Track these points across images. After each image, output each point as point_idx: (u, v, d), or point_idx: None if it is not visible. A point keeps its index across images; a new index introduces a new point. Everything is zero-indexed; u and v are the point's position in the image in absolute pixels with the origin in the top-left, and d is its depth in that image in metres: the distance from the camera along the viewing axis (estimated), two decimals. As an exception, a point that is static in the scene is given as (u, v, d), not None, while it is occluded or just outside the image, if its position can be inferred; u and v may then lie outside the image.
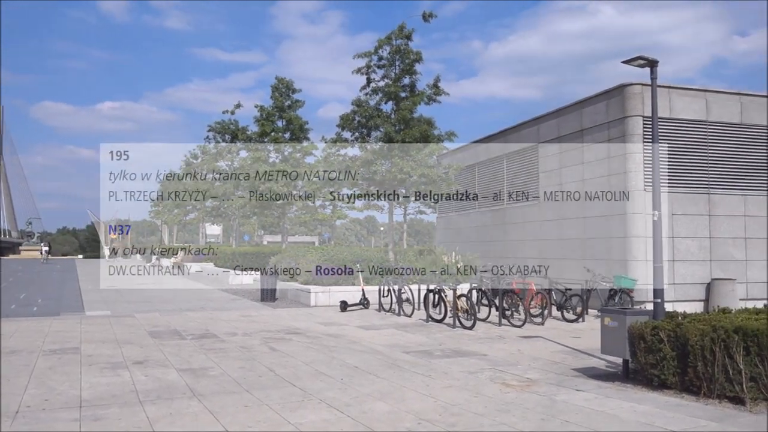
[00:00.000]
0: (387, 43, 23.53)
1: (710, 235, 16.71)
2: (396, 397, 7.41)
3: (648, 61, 9.93)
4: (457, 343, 11.45)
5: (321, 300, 18.09)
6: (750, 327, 7.13)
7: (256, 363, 9.44)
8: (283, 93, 32.06)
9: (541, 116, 20.22)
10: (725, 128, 17.10)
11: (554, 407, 6.95)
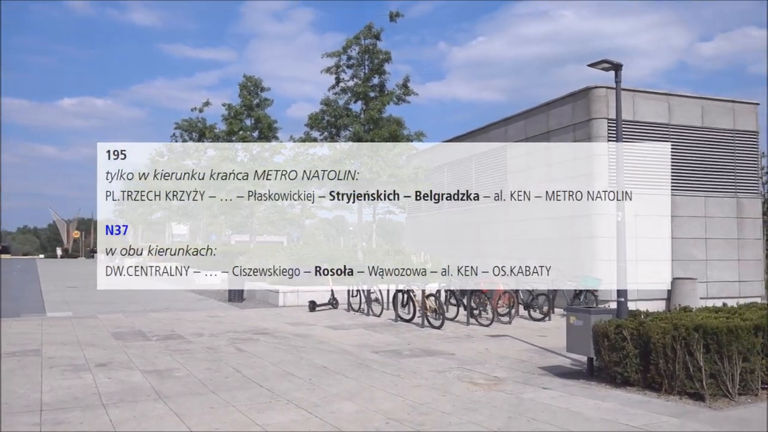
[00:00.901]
0: (356, 43, 23.52)
1: (672, 236, 17.11)
2: (364, 396, 7.41)
3: (612, 65, 10.13)
4: (425, 343, 11.50)
5: (289, 300, 17.98)
6: (710, 325, 7.32)
7: (222, 364, 9.33)
8: (251, 91, 31.77)
9: (509, 118, 20.45)
10: (687, 131, 17.53)
11: (521, 405, 7.03)
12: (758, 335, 7.43)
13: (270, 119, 31.98)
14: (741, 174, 18.08)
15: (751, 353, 7.31)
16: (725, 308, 8.83)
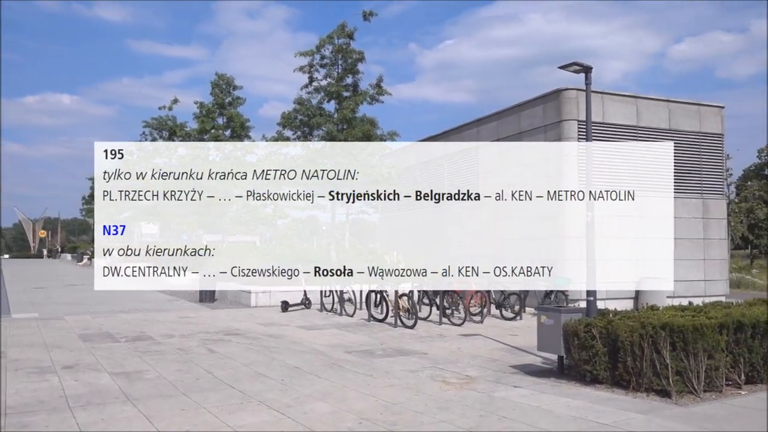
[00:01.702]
0: (329, 42, 23.46)
1: (640, 236, 17.42)
2: (337, 397, 7.39)
3: (582, 67, 10.28)
4: (398, 343, 11.53)
5: (262, 300, 17.85)
6: (676, 323, 7.48)
7: (193, 365, 9.22)
8: (223, 89, 31.46)
9: (481, 119, 20.60)
10: (654, 133, 17.87)
11: (492, 404, 7.09)
12: (723, 333, 7.62)
13: (242, 118, 31.70)
14: (706, 175, 18.49)
15: (716, 351, 7.49)
16: (691, 307, 9.03)
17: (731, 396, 7.46)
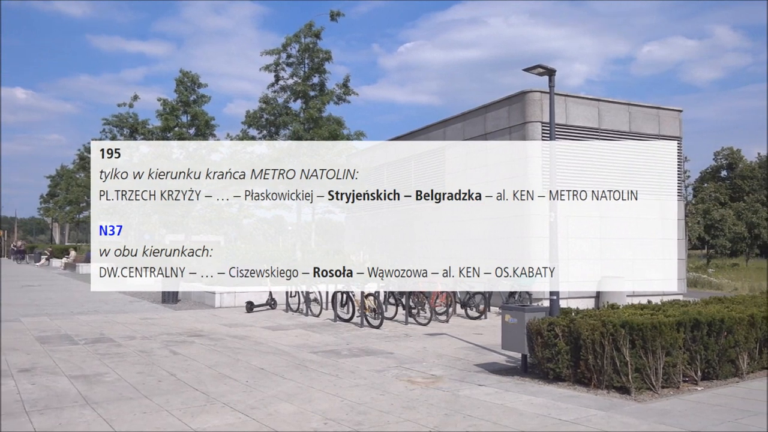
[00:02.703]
0: (296, 41, 23.33)
1: (601, 236, 17.78)
2: (303, 397, 7.36)
3: (546, 70, 10.43)
4: (364, 342, 11.53)
5: (226, 301, 17.65)
6: (635, 321, 7.66)
7: (155, 367, 9.06)
8: (188, 87, 30.96)
9: (447, 119, 20.75)
10: (615, 135, 18.26)
11: (457, 402, 7.15)
12: (680, 331, 7.83)
13: (207, 116, 31.26)
14: (665, 177, 18.95)
15: (674, 348, 7.70)
16: (650, 306, 9.25)
17: (688, 392, 7.68)
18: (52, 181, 64.40)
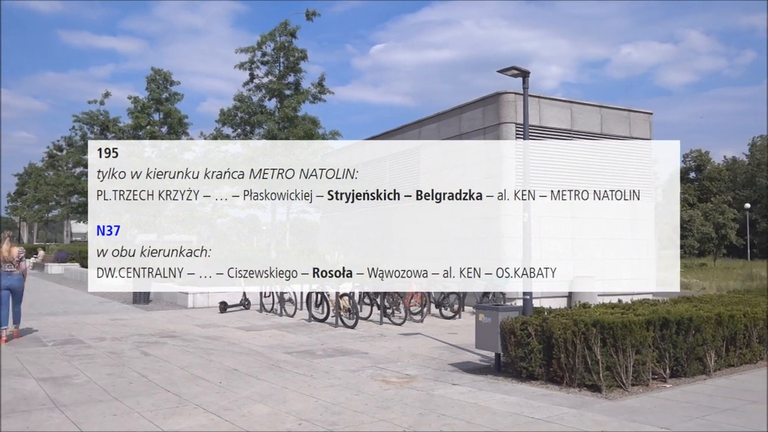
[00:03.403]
0: (270, 39, 23.20)
1: (573, 236, 18.01)
2: (277, 398, 7.31)
3: (520, 72, 10.53)
4: (339, 342, 11.51)
5: (199, 301, 17.46)
6: (606, 320, 7.78)
7: (126, 369, 8.92)
8: (160, 85, 30.56)
9: (423, 119, 20.82)
10: (587, 137, 18.52)
11: (432, 402, 7.18)
12: (649, 329, 7.98)
13: (180, 114, 30.89)
14: (635, 178, 19.27)
15: (643, 346, 7.84)
16: (620, 305, 9.40)
17: (657, 389, 7.82)
18: (20, 180, 63.08)
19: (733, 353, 9.08)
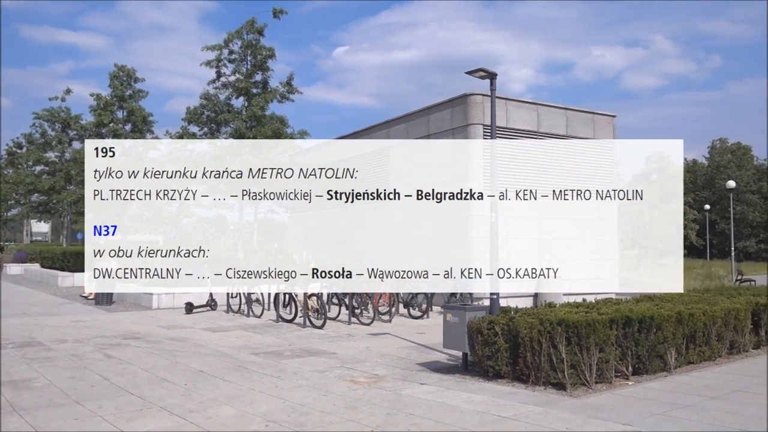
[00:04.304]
0: (237, 37, 22.96)
1: (540, 236, 18.25)
2: (243, 400, 7.24)
3: (488, 74, 10.63)
4: (307, 343, 11.45)
5: (164, 302, 17.18)
6: (571, 319, 7.91)
7: (88, 372, 8.73)
8: (123, 82, 30.00)
9: (391, 120, 20.85)
10: (553, 138, 18.79)
11: (400, 401, 7.20)
12: (613, 328, 8.14)
13: (144, 112, 30.39)
14: (600, 179, 19.62)
15: (607, 344, 7.99)
16: (585, 304, 9.56)
17: (620, 387, 7.98)
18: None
19: (693, 351, 9.32)
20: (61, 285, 24.70)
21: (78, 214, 38.62)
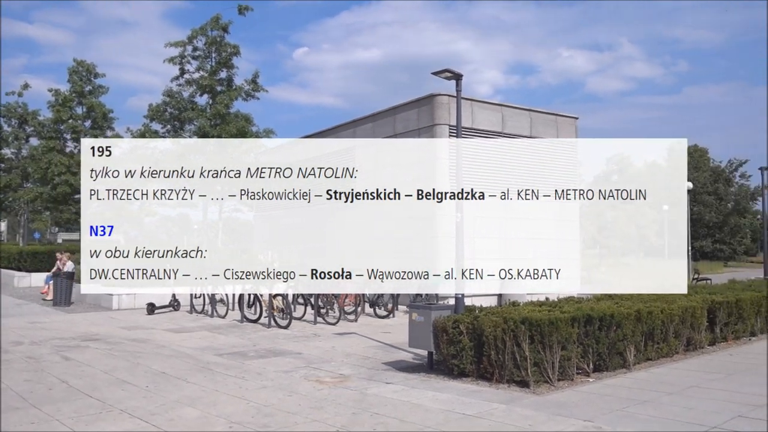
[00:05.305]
0: (202, 34, 22.65)
1: (504, 236, 18.46)
2: (207, 401, 7.15)
3: (454, 74, 10.72)
4: (272, 343, 11.37)
5: (125, 303, 16.83)
6: (534, 318, 8.03)
7: (45, 374, 8.50)
8: (83, 77, 29.28)
9: (358, 119, 20.83)
10: (518, 139, 19.03)
11: (365, 401, 7.20)
12: (574, 326, 8.29)
13: (105, 108, 29.71)
14: (563, 180, 19.95)
15: (569, 342, 8.13)
16: (548, 302, 9.72)
17: (581, 384, 8.13)
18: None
19: (651, 348, 9.56)
20: (18, 285, 23.97)
21: (35, 212, 37.55)
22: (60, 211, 33.08)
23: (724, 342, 11.31)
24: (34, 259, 26.10)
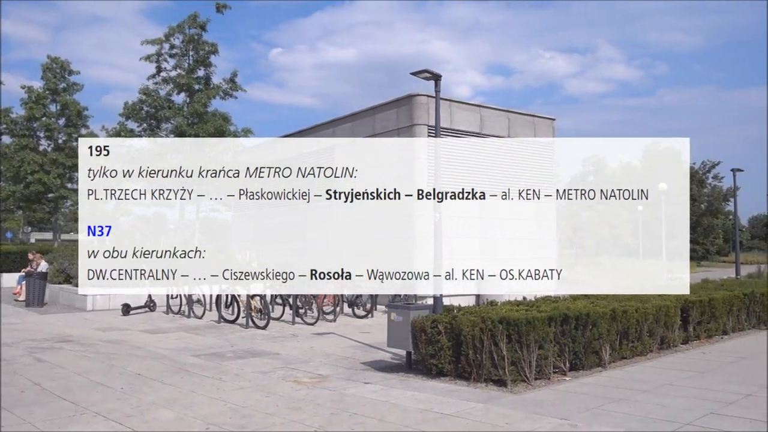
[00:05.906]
0: (179, 31, 22.43)
1: (482, 236, 18.57)
2: (183, 403, 7.08)
3: (433, 75, 10.75)
4: (250, 344, 11.29)
5: (100, 303, 16.59)
6: (512, 317, 8.09)
7: (17, 377, 8.33)
8: (57, 74, 28.79)
9: (337, 119, 20.80)
10: (496, 140, 19.16)
11: (343, 401, 7.19)
12: (551, 325, 8.37)
13: (79, 106, 29.25)
14: (540, 180, 20.13)
15: (546, 341, 8.21)
16: (525, 302, 9.80)
17: (558, 382, 8.22)
18: None
19: (626, 346, 9.69)
20: (-12, 286, 23.48)
21: (7, 211, 36.81)
22: (33, 210, 32.51)
23: (697, 340, 11.52)
24: (6, 259, 25.61)
